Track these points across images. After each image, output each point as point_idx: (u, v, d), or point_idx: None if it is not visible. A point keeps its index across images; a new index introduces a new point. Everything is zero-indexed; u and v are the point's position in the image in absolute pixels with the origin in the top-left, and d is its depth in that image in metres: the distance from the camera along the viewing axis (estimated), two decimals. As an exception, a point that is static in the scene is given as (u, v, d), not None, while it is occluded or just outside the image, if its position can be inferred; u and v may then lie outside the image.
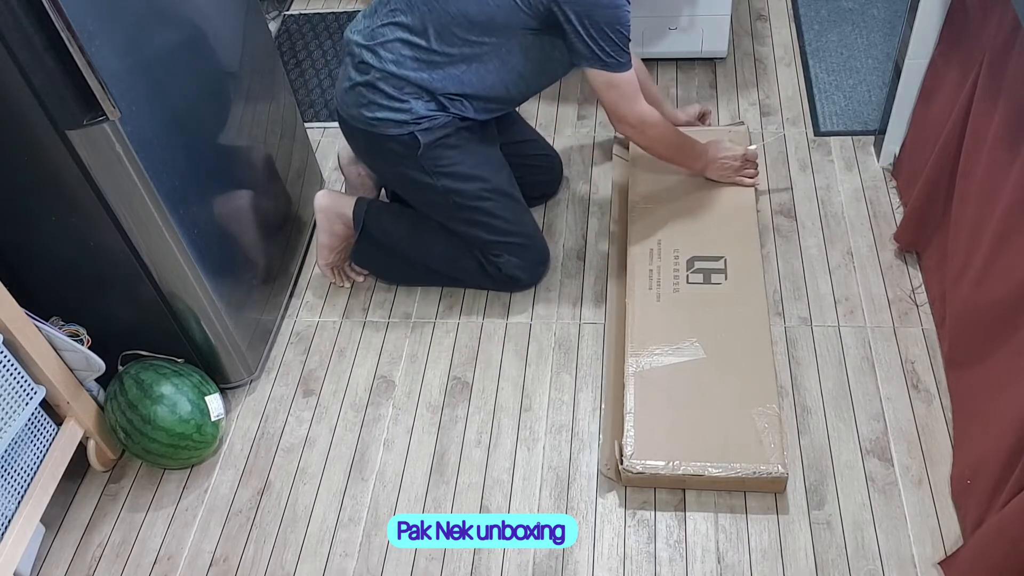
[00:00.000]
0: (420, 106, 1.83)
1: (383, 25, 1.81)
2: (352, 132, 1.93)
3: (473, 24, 1.73)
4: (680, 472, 1.65)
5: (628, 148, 2.26)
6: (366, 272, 2.17)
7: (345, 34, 1.89)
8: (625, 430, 1.70)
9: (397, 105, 1.83)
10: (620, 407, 1.78)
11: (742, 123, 2.38)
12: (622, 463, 1.67)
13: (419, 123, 1.84)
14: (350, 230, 2.07)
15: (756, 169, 2.09)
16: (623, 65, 1.74)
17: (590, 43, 1.70)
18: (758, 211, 2.12)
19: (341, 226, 2.07)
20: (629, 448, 1.68)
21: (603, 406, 1.84)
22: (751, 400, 1.72)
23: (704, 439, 1.68)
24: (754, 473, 1.63)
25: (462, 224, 1.98)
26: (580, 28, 1.68)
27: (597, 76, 1.76)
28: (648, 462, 1.66)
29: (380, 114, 1.84)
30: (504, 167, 1.99)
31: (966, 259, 1.70)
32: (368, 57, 1.81)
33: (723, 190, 2.11)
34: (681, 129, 2.01)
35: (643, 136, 1.90)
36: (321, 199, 2.06)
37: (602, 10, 1.66)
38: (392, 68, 1.80)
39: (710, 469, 1.64)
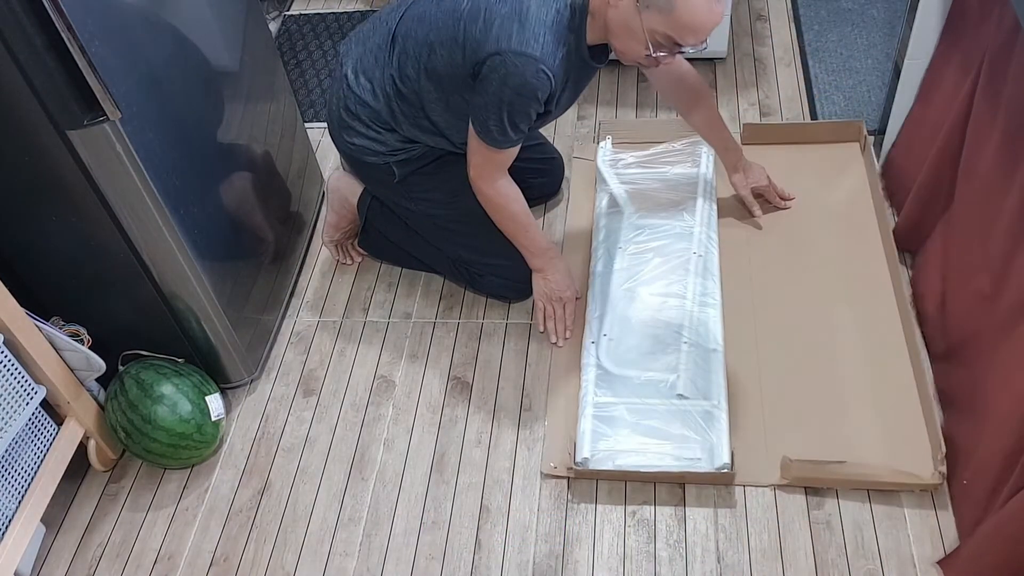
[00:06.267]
0: (394, 139, 1.85)
1: (371, 53, 1.81)
2: (339, 149, 1.96)
3: (429, 73, 1.71)
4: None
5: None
6: (366, 253, 2.19)
7: (340, 50, 1.91)
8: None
9: (374, 135, 1.85)
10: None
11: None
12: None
13: (395, 154, 1.87)
14: (356, 215, 2.10)
15: (563, 324, 1.95)
16: (498, 143, 1.69)
17: (480, 109, 1.66)
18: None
19: (348, 211, 2.11)
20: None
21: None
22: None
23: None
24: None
25: (446, 244, 2.00)
26: (483, 91, 1.63)
27: (472, 136, 1.72)
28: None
29: (358, 141, 1.87)
30: None
31: (967, 259, 1.70)
32: (352, 81, 1.83)
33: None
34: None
35: (485, 204, 1.84)
36: (334, 180, 2.10)
37: (507, 90, 1.60)
38: (368, 98, 1.81)
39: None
